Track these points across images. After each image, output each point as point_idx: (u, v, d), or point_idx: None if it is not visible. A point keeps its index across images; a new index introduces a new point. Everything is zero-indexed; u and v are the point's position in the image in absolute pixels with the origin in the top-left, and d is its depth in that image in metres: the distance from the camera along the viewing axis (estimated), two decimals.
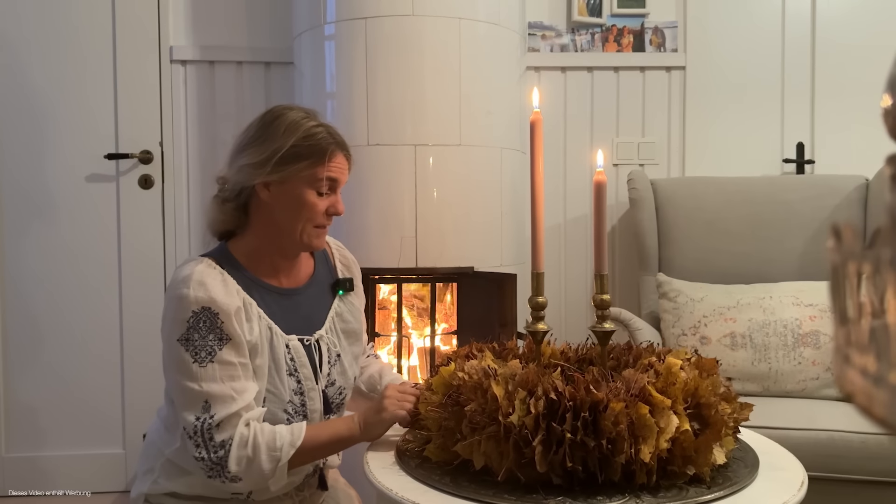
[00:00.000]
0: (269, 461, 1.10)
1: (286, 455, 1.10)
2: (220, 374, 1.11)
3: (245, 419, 1.11)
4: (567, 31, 2.61)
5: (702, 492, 0.96)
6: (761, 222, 2.28)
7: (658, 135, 2.65)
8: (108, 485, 2.46)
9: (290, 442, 1.11)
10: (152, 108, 2.46)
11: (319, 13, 2.14)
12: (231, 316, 1.13)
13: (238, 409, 1.10)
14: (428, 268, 2.06)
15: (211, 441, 1.09)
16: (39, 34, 2.40)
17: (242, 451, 1.09)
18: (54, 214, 2.43)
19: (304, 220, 1.21)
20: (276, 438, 1.11)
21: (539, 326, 1.12)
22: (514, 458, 0.96)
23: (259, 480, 1.11)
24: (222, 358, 1.12)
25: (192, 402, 1.11)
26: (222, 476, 1.10)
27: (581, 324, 2.61)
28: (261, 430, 1.11)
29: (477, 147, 2.12)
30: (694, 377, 1.02)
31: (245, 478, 1.10)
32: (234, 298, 1.16)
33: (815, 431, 1.69)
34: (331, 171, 1.21)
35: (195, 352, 1.11)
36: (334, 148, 1.22)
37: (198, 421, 1.10)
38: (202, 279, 1.14)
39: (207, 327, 1.12)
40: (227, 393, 1.10)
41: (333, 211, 1.24)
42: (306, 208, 1.20)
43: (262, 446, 1.10)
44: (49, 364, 2.44)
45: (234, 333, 1.13)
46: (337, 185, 1.24)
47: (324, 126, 1.24)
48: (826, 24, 2.62)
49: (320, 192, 1.21)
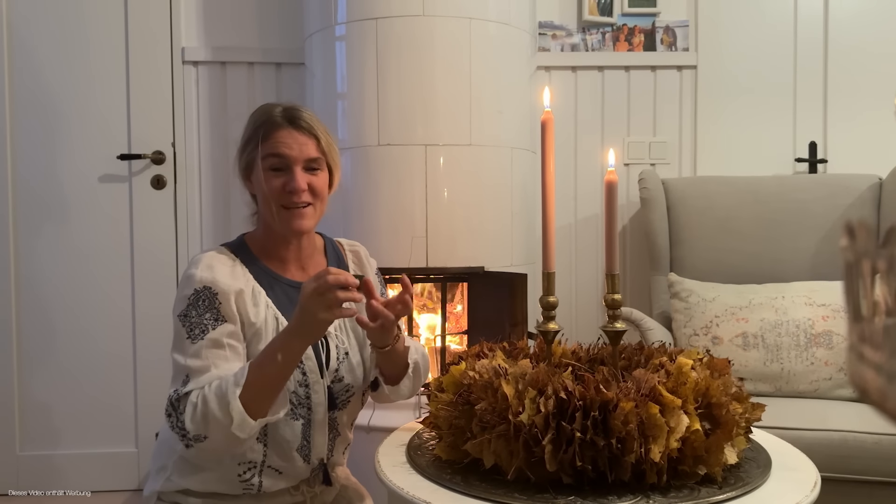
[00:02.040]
0: (219, 408, 1.06)
1: (233, 395, 1.06)
2: (205, 352, 1.13)
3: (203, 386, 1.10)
4: (578, 30, 2.61)
5: (713, 492, 0.95)
6: (773, 222, 2.26)
7: (669, 134, 2.64)
8: (121, 483, 2.48)
9: (234, 382, 1.07)
10: (164, 109, 2.48)
11: (330, 14, 2.15)
12: (230, 298, 1.16)
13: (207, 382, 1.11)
14: (438, 268, 2.06)
15: (177, 409, 1.10)
16: (52, 36, 2.42)
17: (195, 410, 1.08)
18: (68, 215, 2.45)
19: (270, 201, 1.21)
20: (221, 385, 1.08)
21: (550, 326, 1.12)
22: (525, 458, 0.96)
23: (223, 431, 1.07)
24: (213, 337, 1.14)
25: (177, 375, 1.13)
26: (188, 439, 1.09)
27: (592, 324, 2.61)
28: (209, 384, 1.10)
29: (487, 147, 2.12)
30: (705, 377, 1.02)
31: (209, 434, 1.08)
32: (239, 282, 1.18)
33: (828, 432, 1.68)
34: (271, 148, 1.21)
35: (190, 328, 1.14)
36: (275, 124, 1.21)
37: (175, 393, 1.11)
38: (211, 262, 1.19)
39: (205, 306, 1.15)
40: (208, 369, 1.11)
41: (289, 188, 1.20)
42: (267, 189, 1.21)
43: (209, 396, 1.07)
44: (62, 363, 2.46)
45: (230, 315, 1.15)
46: (288, 162, 1.21)
47: (282, 106, 1.24)
48: (839, 21, 2.60)
49: (273, 171, 1.21)
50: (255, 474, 1.22)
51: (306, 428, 1.23)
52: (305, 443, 1.23)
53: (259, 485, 1.22)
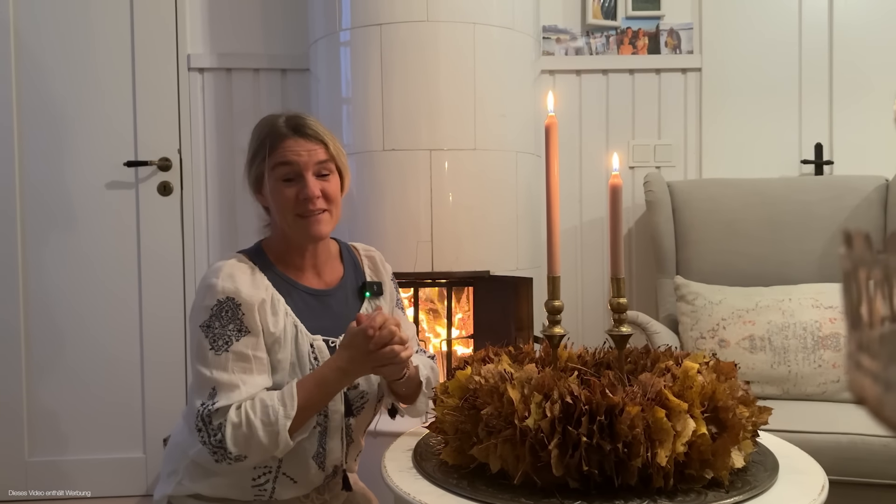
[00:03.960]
0: (266, 436, 1.10)
1: (283, 427, 1.11)
2: (231, 365, 1.14)
3: (238, 403, 1.12)
4: (582, 34, 2.61)
5: (720, 495, 0.95)
6: (780, 224, 2.26)
7: (674, 137, 2.64)
8: (129, 489, 2.49)
9: (284, 415, 1.11)
10: (171, 116, 2.49)
11: (335, 20, 2.16)
12: (254, 309, 1.16)
13: (240, 399, 1.12)
14: (444, 272, 2.06)
15: (210, 425, 1.11)
16: (59, 44, 2.44)
17: (238, 431, 1.10)
18: (75, 221, 2.47)
19: (285, 211, 1.22)
20: (270, 412, 1.11)
21: (555, 330, 1.12)
22: (531, 462, 0.96)
23: (264, 453, 1.12)
24: (237, 349, 1.14)
25: (201, 388, 1.14)
26: (227, 458, 1.11)
27: (598, 327, 2.60)
28: (252, 406, 1.12)
29: (492, 151, 2.12)
30: (711, 380, 1.02)
31: (250, 454, 1.12)
32: (261, 291, 1.19)
33: (836, 435, 1.67)
34: (280, 157, 1.22)
35: (213, 339, 1.14)
36: (280, 135, 1.22)
37: (202, 407, 1.12)
38: (232, 272, 1.18)
39: (229, 317, 1.15)
40: (235, 383, 1.13)
41: (303, 196, 1.21)
42: (281, 199, 1.22)
43: (255, 423, 1.10)
44: (70, 369, 2.47)
45: (253, 327, 1.16)
46: (299, 169, 1.22)
47: (285, 116, 1.25)
48: (843, 22, 2.60)
49: (285, 181, 1.22)
50: (269, 479, 1.22)
51: (322, 435, 1.24)
52: (321, 450, 1.24)
53: (272, 491, 1.23)
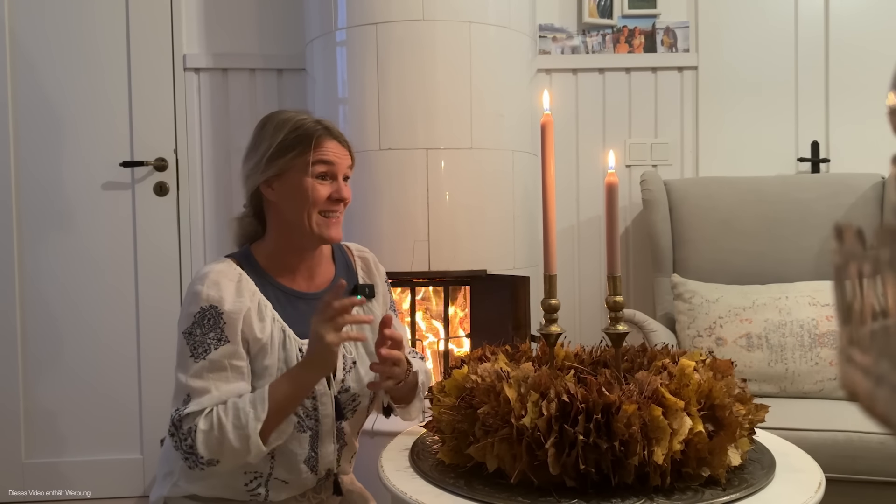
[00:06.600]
0: (237, 439, 1.10)
1: (254, 430, 1.10)
2: (207, 373, 1.14)
3: (209, 408, 1.12)
4: (578, 32, 2.61)
5: (717, 493, 0.95)
6: (776, 222, 2.26)
7: (671, 135, 2.64)
8: (126, 490, 2.48)
9: (254, 417, 1.10)
10: (167, 116, 2.49)
11: (331, 19, 2.16)
12: (237, 319, 1.16)
13: (211, 404, 1.12)
14: (441, 271, 2.06)
15: (180, 430, 1.11)
16: (55, 44, 2.43)
17: (210, 435, 1.10)
18: (71, 222, 2.46)
19: (309, 206, 1.21)
20: (241, 415, 1.10)
21: (552, 329, 1.12)
22: (528, 461, 0.96)
23: (236, 457, 1.12)
24: (214, 357, 1.14)
25: (178, 394, 1.15)
26: (199, 463, 1.11)
27: (595, 326, 2.60)
28: (224, 410, 1.11)
29: (488, 150, 2.12)
30: (708, 379, 1.02)
31: (222, 458, 1.11)
32: (245, 299, 1.18)
33: (833, 432, 1.67)
34: (322, 155, 1.22)
35: (194, 346, 1.15)
36: (322, 133, 1.23)
37: (175, 412, 1.13)
38: (217, 279, 1.18)
39: (210, 325, 1.15)
40: (209, 390, 1.13)
41: (337, 196, 1.23)
42: (308, 195, 1.21)
43: (227, 426, 1.10)
44: (67, 370, 2.47)
45: (233, 336, 1.15)
46: (335, 171, 1.23)
47: (312, 117, 1.26)
48: (839, 20, 2.60)
49: (319, 178, 1.22)
50: (261, 484, 1.22)
51: (314, 439, 1.23)
52: (313, 454, 1.24)
53: (266, 494, 1.23)
